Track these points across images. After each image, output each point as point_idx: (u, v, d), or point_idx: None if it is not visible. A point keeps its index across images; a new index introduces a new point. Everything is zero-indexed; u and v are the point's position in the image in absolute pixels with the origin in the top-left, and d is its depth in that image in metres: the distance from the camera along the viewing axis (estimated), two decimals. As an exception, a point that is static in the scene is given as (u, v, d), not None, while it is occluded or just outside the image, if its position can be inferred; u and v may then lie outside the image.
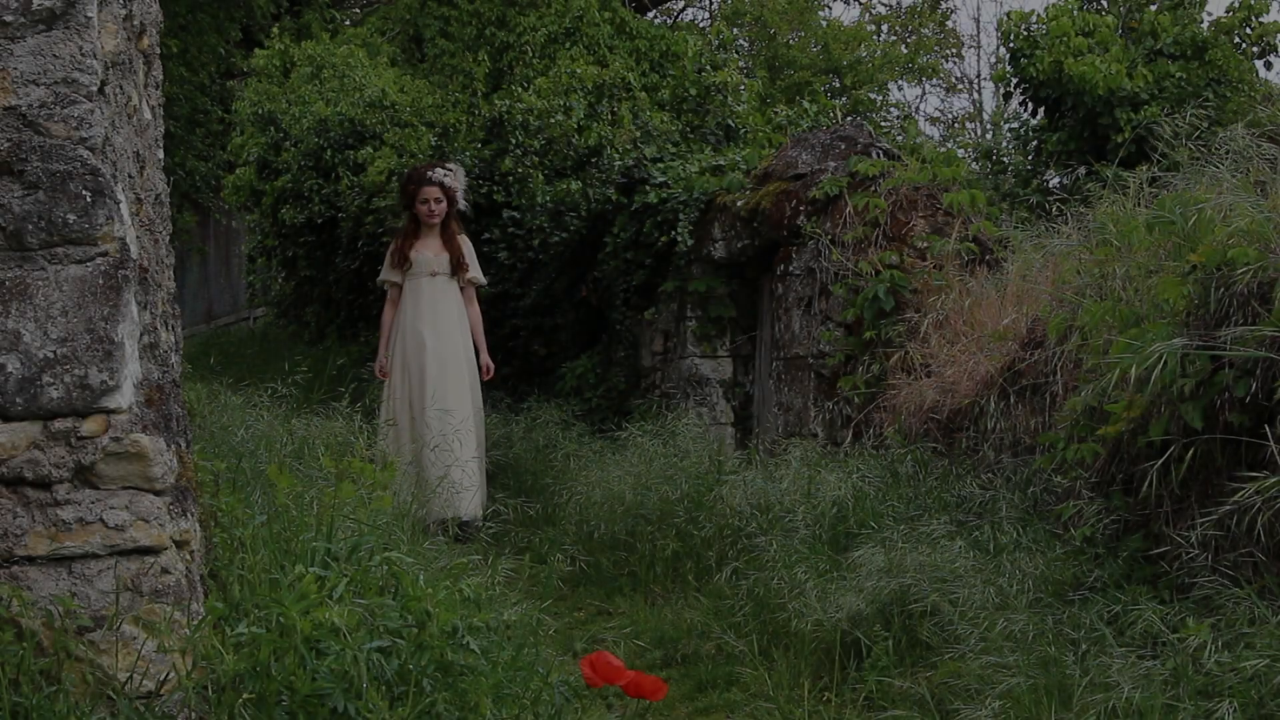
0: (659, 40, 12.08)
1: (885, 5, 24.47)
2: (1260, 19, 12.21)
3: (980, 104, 24.53)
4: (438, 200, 7.29)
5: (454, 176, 7.43)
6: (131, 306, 2.59)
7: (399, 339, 7.26)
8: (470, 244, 7.51)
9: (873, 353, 6.45)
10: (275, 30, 15.11)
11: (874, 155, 7.06)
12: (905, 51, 22.94)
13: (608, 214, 8.80)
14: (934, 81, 24.59)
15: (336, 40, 14.35)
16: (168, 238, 3.20)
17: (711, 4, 22.78)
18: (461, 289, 7.36)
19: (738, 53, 17.40)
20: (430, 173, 7.36)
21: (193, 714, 2.54)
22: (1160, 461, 3.70)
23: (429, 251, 7.29)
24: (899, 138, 12.55)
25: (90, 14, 2.56)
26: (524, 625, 3.55)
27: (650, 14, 16.66)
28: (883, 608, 4.14)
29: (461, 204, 7.51)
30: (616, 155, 9.20)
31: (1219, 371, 3.57)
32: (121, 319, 2.56)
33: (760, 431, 7.51)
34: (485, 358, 7.37)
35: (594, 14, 11.91)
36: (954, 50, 24.73)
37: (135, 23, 2.92)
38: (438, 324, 7.19)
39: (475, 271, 7.41)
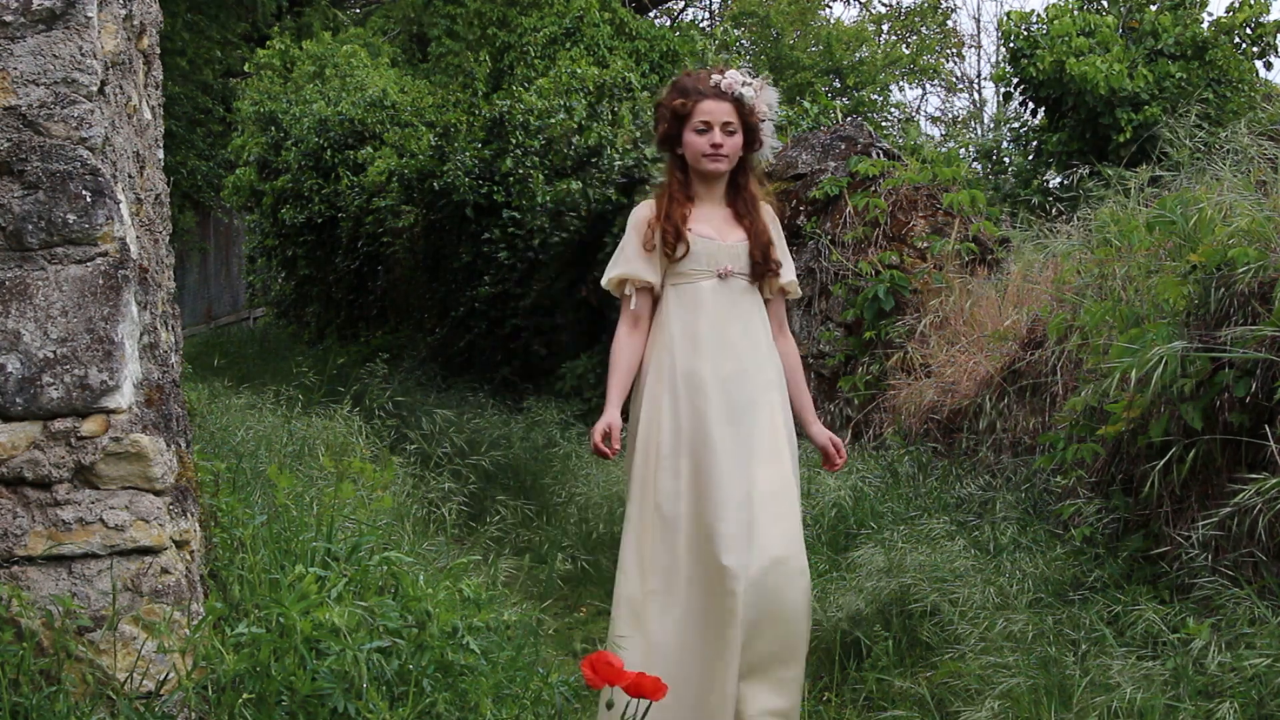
0: (659, 41, 12.10)
1: (885, 4, 24.49)
2: (1261, 19, 12.21)
3: (981, 104, 24.52)
4: (729, 130, 3.64)
5: (756, 91, 3.67)
6: (131, 306, 2.59)
7: (663, 389, 3.82)
8: (779, 223, 3.88)
9: (873, 353, 6.45)
10: (276, 30, 15.13)
11: (874, 155, 7.06)
12: (907, 52, 22.95)
13: (608, 214, 8.79)
14: (935, 82, 24.60)
15: (338, 39, 14.35)
16: (168, 238, 3.20)
17: (712, 4, 22.78)
18: (767, 302, 3.86)
19: (739, 53, 17.39)
20: (717, 76, 3.67)
21: (193, 714, 2.54)
22: (1161, 462, 3.70)
23: (710, 230, 3.74)
24: (899, 139, 12.54)
25: (90, 14, 2.56)
26: (524, 625, 3.54)
27: (651, 14, 16.66)
28: (883, 608, 4.14)
29: (770, 143, 3.79)
30: (616, 155, 9.19)
31: (1219, 372, 3.57)
32: (121, 319, 2.56)
33: (760, 431, 7.49)
34: (820, 429, 3.89)
35: (594, 14, 11.92)
36: (954, 50, 24.73)
37: (135, 23, 2.92)
38: (738, 364, 3.73)
39: (791, 273, 3.89)
